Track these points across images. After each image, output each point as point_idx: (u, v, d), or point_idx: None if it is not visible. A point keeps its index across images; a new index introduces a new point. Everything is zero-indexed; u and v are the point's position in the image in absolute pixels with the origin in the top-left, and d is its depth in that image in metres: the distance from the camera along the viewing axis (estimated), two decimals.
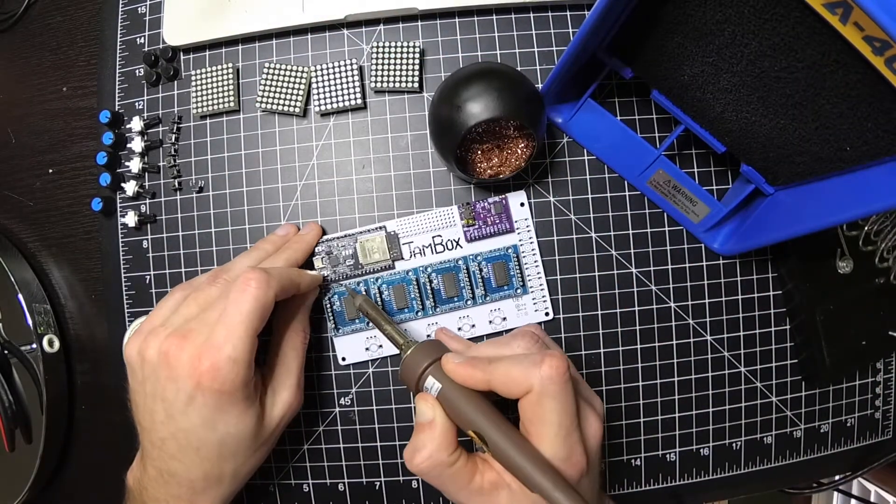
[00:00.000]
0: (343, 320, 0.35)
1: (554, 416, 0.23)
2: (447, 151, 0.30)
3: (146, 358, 0.27)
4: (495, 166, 0.32)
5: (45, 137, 0.40)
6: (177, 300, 0.29)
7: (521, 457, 0.23)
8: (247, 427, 0.28)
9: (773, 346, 0.36)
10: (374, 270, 0.34)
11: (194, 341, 0.26)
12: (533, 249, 0.35)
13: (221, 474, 0.28)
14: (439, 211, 0.34)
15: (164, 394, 0.26)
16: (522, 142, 0.31)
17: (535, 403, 0.24)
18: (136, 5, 0.38)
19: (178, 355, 0.26)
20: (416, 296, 0.34)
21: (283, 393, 0.30)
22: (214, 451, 0.27)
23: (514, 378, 0.24)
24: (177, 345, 0.26)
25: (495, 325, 0.35)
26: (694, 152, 0.36)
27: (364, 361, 0.35)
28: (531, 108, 0.29)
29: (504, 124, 0.31)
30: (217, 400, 0.26)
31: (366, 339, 0.35)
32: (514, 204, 0.35)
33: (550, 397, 0.23)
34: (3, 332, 0.38)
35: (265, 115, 0.36)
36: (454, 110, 0.29)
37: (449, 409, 0.26)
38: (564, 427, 0.24)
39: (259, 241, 0.34)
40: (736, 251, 0.33)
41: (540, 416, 0.24)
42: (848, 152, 0.25)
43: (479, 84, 0.28)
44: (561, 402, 0.23)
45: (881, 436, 0.37)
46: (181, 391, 0.26)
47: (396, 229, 0.34)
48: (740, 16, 0.23)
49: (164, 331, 0.27)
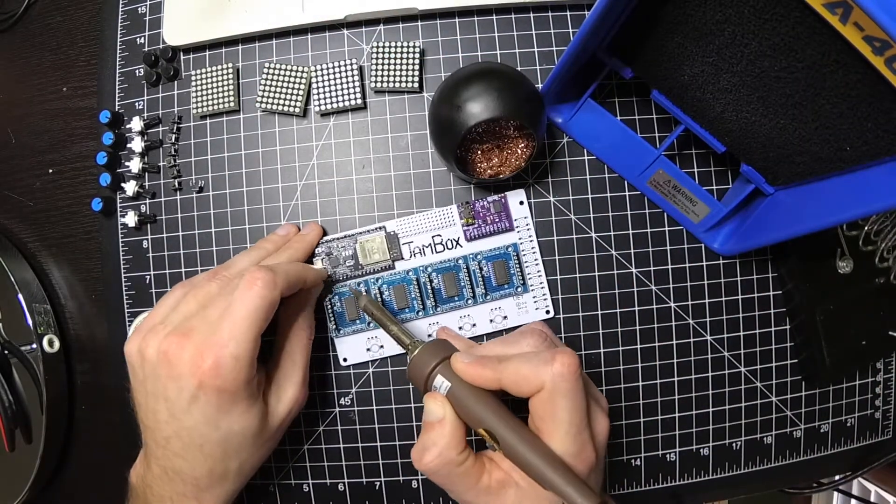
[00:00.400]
0: (344, 321, 0.35)
1: (565, 413, 0.24)
2: (447, 151, 0.30)
3: (146, 357, 0.27)
4: (495, 166, 0.32)
5: (45, 137, 0.40)
6: (176, 298, 0.29)
7: (533, 454, 0.23)
8: (250, 424, 0.28)
9: (773, 346, 0.36)
10: (374, 271, 0.34)
11: (195, 339, 0.26)
12: (533, 248, 0.35)
13: (226, 471, 0.28)
14: (439, 210, 0.34)
15: (167, 393, 0.26)
16: (522, 142, 0.31)
17: (546, 401, 0.24)
18: (136, 5, 0.38)
19: (178, 354, 0.26)
20: (416, 295, 0.34)
21: (288, 389, 0.30)
22: (219, 449, 0.27)
23: (525, 376, 0.24)
24: (177, 343, 0.26)
25: (496, 324, 0.35)
26: (694, 152, 0.36)
27: (364, 362, 0.35)
28: (531, 108, 0.29)
29: (504, 124, 0.31)
30: (220, 398, 0.26)
31: (367, 340, 0.35)
32: (513, 202, 0.35)
33: (562, 395, 0.23)
34: (3, 332, 0.38)
35: (265, 115, 0.36)
36: (454, 110, 0.29)
37: (458, 407, 0.25)
38: (575, 424, 0.24)
39: (260, 240, 0.34)
40: (736, 251, 0.33)
41: (551, 413, 0.24)
42: (848, 152, 0.25)
43: (479, 84, 0.28)
44: (572, 399, 0.24)
45: (881, 436, 0.37)
46: (184, 390, 0.26)
47: (396, 229, 0.34)
48: (740, 16, 0.23)
49: (164, 329, 0.27)
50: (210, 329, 0.26)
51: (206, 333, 0.26)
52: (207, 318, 0.27)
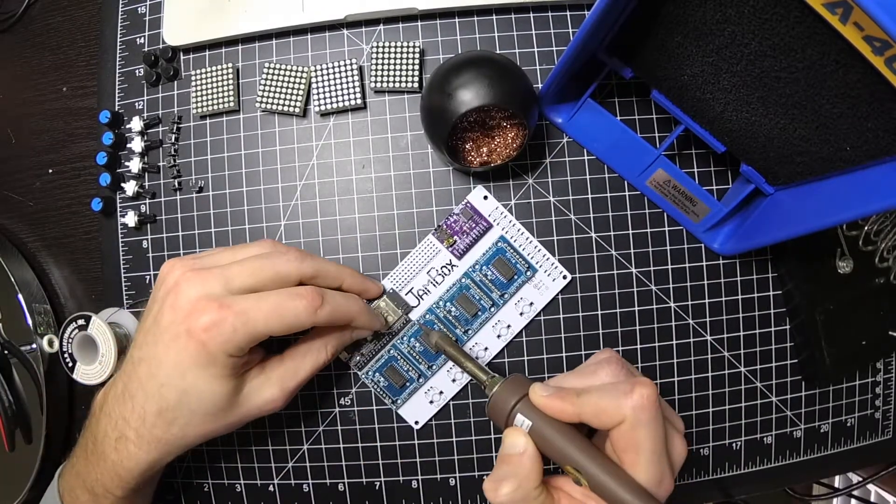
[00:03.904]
0: (395, 390, 0.35)
1: (647, 443, 0.23)
2: (439, 140, 0.30)
3: (166, 279, 0.28)
4: (485, 154, 0.32)
5: (45, 137, 0.40)
6: (245, 253, 0.29)
7: (622, 490, 0.23)
8: (215, 391, 0.27)
9: (773, 346, 0.36)
10: (398, 331, 0.34)
11: (213, 290, 0.26)
12: (519, 231, 0.34)
13: (173, 421, 0.27)
14: (419, 248, 0.34)
15: (160, 319, 0.27)
16: (513, 130, 0.32)
17: (627, 433, 0.24)
18: (136, 5, 0.38)
19: (188, 291, 0.26)
20: (445, 332, 0.34)
21: (273, 389, 0.29)
22: (174, 396, 0.27)
23: (605, 409, 0.24)
24: (194, 282, 0.26)
25: (527, 316, 0.34)
26: (694, 152, 0.36)
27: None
28: (522, 96, 0.29)
29: (495, 112, 0.31)
30: (198, 352, 0.26)
31: (424, 395, 0.35)
32: (477, 202, 0.34)
33: (643, 426, 0.23)
34: (3, 332, 0.38)
35: (265, 115, 0.36)
36: (445, 98, 0.29)
37: (541, 443, 0.25)
38: (657, 453, 0.24)
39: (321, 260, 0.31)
40: (736, 251, 0.33)
41: (634, 444, 0.24)
42: (848, 152, 0.25)
43: (470, 72, 0.28)
44: (653, 429, 0.23)
45: (881, 436, 0.37)
46: (174, 324, 0.26)
47: (392, 286, 0.34)
48: (740, 16, 0.23)
49: (196, 264, 0.28)
50: (234, 292, 0.27)
51: (226, 294, 0.26)
52: (240, 287, 0.27)
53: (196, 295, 0.26)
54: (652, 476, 0.24)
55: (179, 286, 0.27)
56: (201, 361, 0.26)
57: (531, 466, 0.25)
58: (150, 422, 0.27)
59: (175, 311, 0.26)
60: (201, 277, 0.27)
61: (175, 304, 0.26)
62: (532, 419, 0.25)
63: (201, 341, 0.26)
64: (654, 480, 0.24)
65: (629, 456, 0.24)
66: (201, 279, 0.27)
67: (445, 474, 0.35)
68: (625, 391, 0.24)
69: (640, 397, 0.23)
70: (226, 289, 0.27)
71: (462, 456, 0.35)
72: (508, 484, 0.24)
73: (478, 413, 0.35)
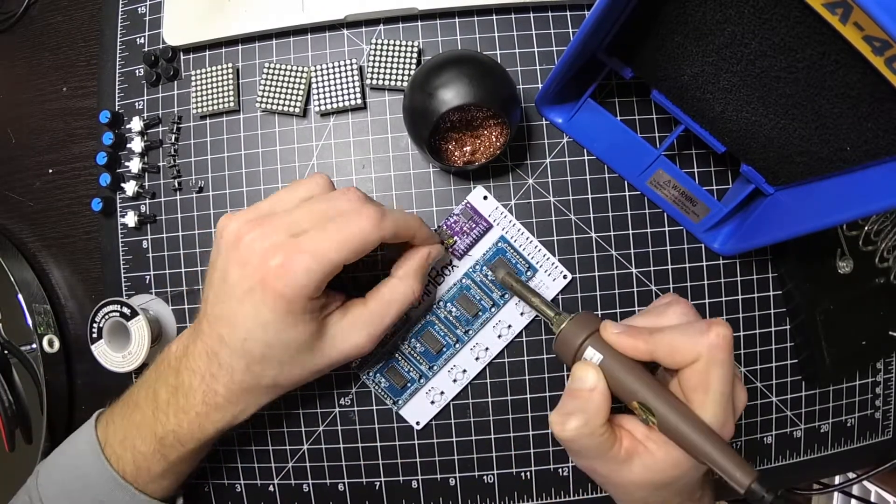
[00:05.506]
0: (396, 391, 0.35)
1: (719, 384, 0.23)
2: (420, 139, 0.30)
3: (223, 234, 0.27)
4: (469, 154, 0.32)
5: (45, 137, 0.40)
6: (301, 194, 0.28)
7: (690, 428, 0.23)
8: (298, 340, 0.27)
9: (773, 346, 0.36)
10: (397, 331, 0.34)
11: (275, 236, 0.26)
12: (520, 231, 0.34)
13: (262, 374, 0.27)
14: None
15: (227, 275, 0.26)
16: (496, 129, 0.32)
17: (701, 372, 0.23)
18: (136, 5, 0.38)
19: (251, 243, 0.26)
20: (445, 332, 0.34)
21: (360, 334, 0.28)
22: (259, 349, 0.26)
23: (679, 348, 0.24)
24: (257, 232, 0.26)
25: (527, 315, 0.34)
26: (694, 152, 0.36)
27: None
28: (503, 95, 0.29)
29: (476, 111, 0.31)
30: (275, 301, 0.25)
31: (425, 395, 0.35)
32: (477, 202, 0.34)
33: (718, 365, 0.23)
34: (3, 332, 0.38)
35: (265, 115, 0.36)
36: (426, 98, 0.29)
37: (610, 380, 0.25)
38: (725, 395, 0.24)
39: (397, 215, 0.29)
40: (736, 251, 0.33)
41: (705, 384, 0.24)
42: (848, 152, 0.25)
43: (451, 71, 0.28)
44: (726, 369, 0.24)
45: (881, 436, 0.37)
46: (245, 278, 0.25)
47: None
48: (740, 16, 0.23)
49: (252, 213, 0.27)
50: (296, 235, 0.26)
51: (289, 235, 0.26)
52: (299, 224, 0.26)
53: (260, 247, 0.25)
54: (718, 417, 0.24)
55: (242, 239, 0.26)
56: (280, 310, 0.25)
57: (600, 402, 0.24)
58: (239, 378, 0.27)
59: (243, 267, 0.26)
60: (262, 228, 0.26)
61: (241, 259, 0.26)
62: (603, 354, 0.25)
63: (277, 291, 0.25)
64: (720, 422, 0.24)
65: (698, 396, 0.24)
66: (262, 230, 0.26)
67: (445, 474, 0.35)
68: (700, 330, 0.24)
69: (716, 336, 0.23)
70: (289, 235, 0.26)
71: (462, 456, 0.35)
72: (576, 419, 0.24)
73: (478, 413, 0.35)
